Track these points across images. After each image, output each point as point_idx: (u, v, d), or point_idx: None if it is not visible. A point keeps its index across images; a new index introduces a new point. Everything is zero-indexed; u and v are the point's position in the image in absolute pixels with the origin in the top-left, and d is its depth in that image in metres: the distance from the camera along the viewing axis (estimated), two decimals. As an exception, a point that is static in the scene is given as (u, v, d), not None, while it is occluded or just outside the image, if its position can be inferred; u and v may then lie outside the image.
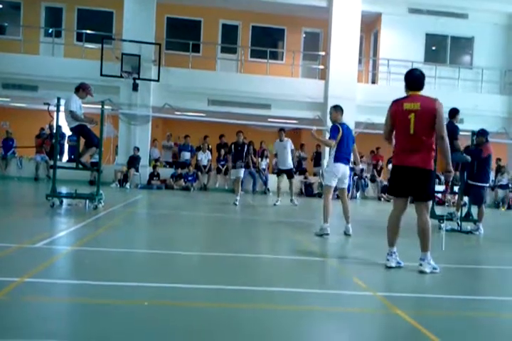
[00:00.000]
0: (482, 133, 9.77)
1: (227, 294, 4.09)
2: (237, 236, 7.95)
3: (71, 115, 9.03)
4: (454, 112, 9.88)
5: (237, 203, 12.52)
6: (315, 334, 3.27)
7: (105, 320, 3.26)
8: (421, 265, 5.35)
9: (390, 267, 5.42)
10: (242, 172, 13.21)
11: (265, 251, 6.45)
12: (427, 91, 5.59)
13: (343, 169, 7.84)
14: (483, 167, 9.62)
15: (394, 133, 5.63)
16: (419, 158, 5.27)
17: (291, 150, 13.21)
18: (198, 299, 3.89)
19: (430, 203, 5.60)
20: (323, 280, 4.84)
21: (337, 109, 8.06)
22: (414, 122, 5.24)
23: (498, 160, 20.31)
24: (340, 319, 3.72)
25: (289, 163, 13.22)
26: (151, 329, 3.09)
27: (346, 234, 7.95)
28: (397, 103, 5.55)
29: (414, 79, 5.51)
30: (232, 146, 13.54)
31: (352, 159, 8.48)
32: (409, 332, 3.39)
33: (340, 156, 7.80)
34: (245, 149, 13.34)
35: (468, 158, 9.53)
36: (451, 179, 5.82)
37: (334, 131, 7.86)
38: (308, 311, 3.82)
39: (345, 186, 8.10)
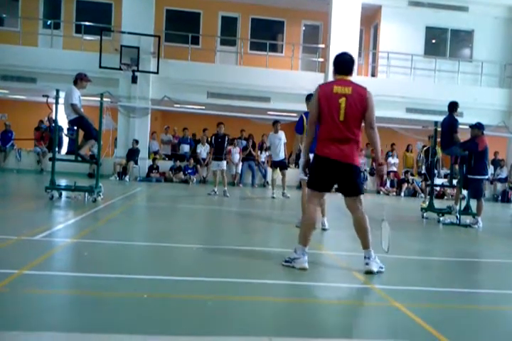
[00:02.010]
0: (478, 127, 9.77)
1: (225, 286, 4.10)
2: (234, 228, 7.97)
3: (72, 108, 9.00)
4: (454, 105, 9.88)
5: (228, 194, 12.72)
6: (314, 326, 3.28)
7: (104, 312, 3.27)
8: (367, 264, 4.83)
9: (305, 269, 4.75)
10: (224, 164, 13.26)
11: (261, 244, 6.46)
12: (427, 84, 5.58)
13: None
14: (481, 160, 9.62)
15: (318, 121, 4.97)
16: (347, 151, 4.76)
17: (284, 143, 13.20)
18: (197, 291, 3.90)
19: (363, 197, 5.03)
20: (321, 272, 4.84)
21: (308, 98, 7.40)
22: (345, 107, 4.76)
23: (496, 153, 20.33)
24: (339, 311, 3.73)
25: (282, 155, 13.23)
26: (150, 322, 3.10)
27: (322, 228, 7.52)
28: (325, 86, 5.02)
29: (343, 63, 5.15)
30: (213, 138, 13.53)
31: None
32: (407, 324, 3.40)
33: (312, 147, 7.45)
34: (226, 141, 13.35)
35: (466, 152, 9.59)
36: (384, 172, 5.38)
37: (297, 123, 7.60)
38: (306, 303, 3.83)
39: None
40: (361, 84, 5.07)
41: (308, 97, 7.60)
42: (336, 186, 5.10)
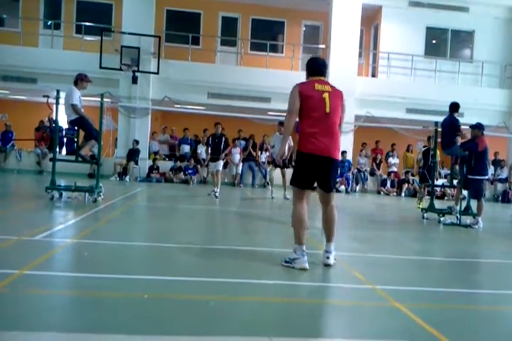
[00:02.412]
0: (478, 127, 9.76)
1: (226, 287, 4.10)
2: (234, 229, 7.97)
3: (72, 108, 9.00)
4: (455, 106, 9.88)
5: (218, 195, 12.58)
6: (314, 327, 3.28)
7: (104, 312, 3.27)
8: (328, 258, 4.89)
9: (306, 269, 4.74)
10: (219, 164, 13.17)
11: (261, 244, 6.46)
12: (427, 84, 5.58)
13: None
14: (481, 160, 9.62)
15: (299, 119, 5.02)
16: (331, 145, 4.81)
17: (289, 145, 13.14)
18: (197, 292, 3.90)
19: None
20: (321, 273, 4.84)
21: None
22: (330, 101, 4.82)
23: (496, 153, 20.34)
24: (340, 312, 3.73)
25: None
26: (150, 322, 3.09)
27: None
28: (305, 84, 5.06)
29: (317, 65, 5.21)
30: (210, 139, 13.47)
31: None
32: (407, 324, 3.39)
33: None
34: (222, 141, 13.25)
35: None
36: (278, 160, 5.20)
37: (298, 122, 7.66)
38: (307, 304, 3.83)
39: None
40: (362, 84, 5.12)
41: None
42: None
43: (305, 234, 4.88)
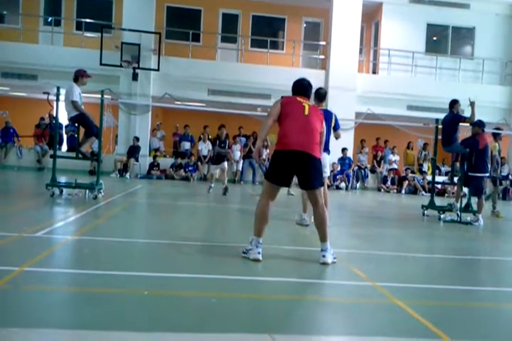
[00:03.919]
0: (478, 124, 9.75)
1: (227, 284, 4.11)
2: (235, 226, 7.98)
3: (73, 105, 9.00)
4: (452, 103, 9.89)
5: (210, 188, 12.76)
6: (315, 324, 3.29)
7: (105, 309, 3.27)
8: (324, 256, 4.94)
9: (258, 260, 4.87)
10: (224, 164, 13.15)
11: (263, 241, 6.45)
12: (428, 81, 5.58)
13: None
14: (482, 157, 9.61)
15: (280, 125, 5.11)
16: (310, 143, 4.91)
17: None
18: (199, 289, 3.90)
19: (322, 189, 5.16)
20: (321, 270, 4.84)
21: (315, 94, 7.46)
22: (309, 110, 5.04)
23: (499, 151, 20.28)
24: (340, 309, 3.73)
25: None
26: (151, 319, 3.10)
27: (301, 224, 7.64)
28: (287, 97, 5.25)
29: (301, 86, 5.39)
30: (217, 142, 13.47)
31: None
32: (407, 321, 3.40)
33: None
34: (227, 145, 13.44)
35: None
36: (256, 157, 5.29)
37: None
38: (307, 301, 3.84)
39: (324, 174, 7.31)
40: (363, 81, 5.20)
41: (317, 92, 7.53)
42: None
43: (264, 229, 5.06)
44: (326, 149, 7.37)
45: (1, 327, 2.79)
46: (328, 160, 7.77)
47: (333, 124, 7.59)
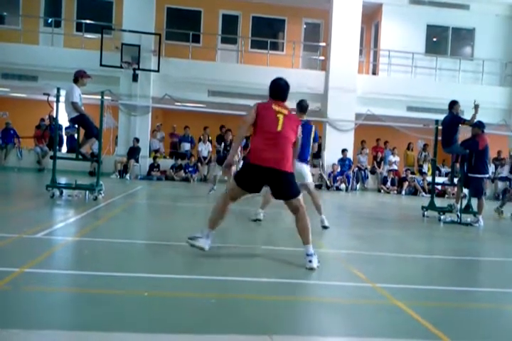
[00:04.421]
0: (478, 125, 9.75)
1: (227, 285, 4.11)
2: (235, 227, 7.97)
3: (73, 106, 9.00)
4: (452, 104, 9.90)
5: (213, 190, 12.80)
6: (315, 325, 3.29)
7: (105, 310, 3.28)
8: (310, 261, 4.83)
9: (203, 249, 4.98)
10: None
11: (263, 243, 6.47)
12: (428, 82, 5.57)
13: (296, 166, 6.93)
14: (482, 158, 9.61)
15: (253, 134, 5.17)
16: (280, 158, 4.92)
17: None
18: (197, 290, 3.90)
19: (301, 196, 5.15)
20: (321, 271, 4.84)
21: (298, 104, 7.75)
22: (283, 123, 4.98)
23: (500, 152, 20.35)
24: (340, 310, 3.73)
25: None
26: (150, 320, 3.10)
27: (323, 226, 7.55)
28: (263, 104, 5.20)
29: (279, 91, 5.32)
30: (222, 144, 13.68)
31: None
32: (407, 322, 3.40)
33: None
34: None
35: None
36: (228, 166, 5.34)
37: None
38: (307, 302, 3.84)
39: (307, 181, 7.61)
40: (363, 82, 5.19)
41: (299, 104, 7.76)
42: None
43: (219, 223, 5.13)
44: (305, 160, 7.51)
45: (1, 328, 2.79)
46: (308, 169, 7.76)
47: (312, 136, 7.70)
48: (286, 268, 4.89)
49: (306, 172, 7.58)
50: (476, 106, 9.65)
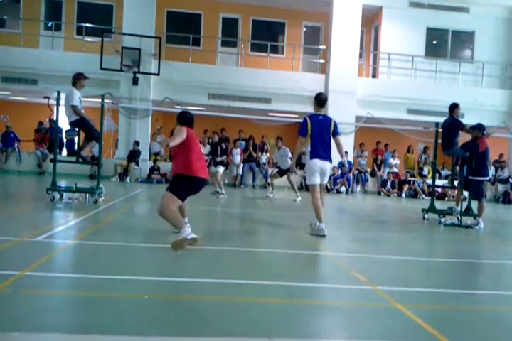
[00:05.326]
0: (478, 128, 9.75)
1: (227, 287, 4.11)
2: (234, 230, 7.96)
3: (73, 109, 9.01)
4: (452, 107, 9.90)
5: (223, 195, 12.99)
6: (314, 327, 3.29)
7: (105, 313, 3.27)
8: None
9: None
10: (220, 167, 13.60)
11: (263, 246, 6.46)
12: (428, 85, 5.57)
13: (321, 164, 7.19)
14: (482, 161, 9.60)
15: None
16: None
17: (290, 158, 13.38)
18: (198, 293, 3.90)
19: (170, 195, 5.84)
20: (321, 274, 4.84)
21: (315, 98, 7.51)
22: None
23: (501, 155, 20.37)
24: (340, 313, 3.73)
25: (285, 165, 13.46)
26: (150, 323, 3.10)
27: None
28: (187, 128, 5.95)
29: (186, 119, 6.07)
30: (218, 143, 13.86)
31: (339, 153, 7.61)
32: (408, 325, 3.40)
33: (315, 152, 7.21)
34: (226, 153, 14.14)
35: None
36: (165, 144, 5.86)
37: (301, 125, 7.32)
38: (307, 305, 3.83)
39: (325, 182, 7.43)
40: (362, 85, 5.18)
41: (317, 97, 7.55)
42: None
43: (179, 216, 5.78)
44: (328, 157, 7.32)
45: (1, 332, 2.79)
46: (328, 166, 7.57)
47: (332, 129, 7.47)
48: (285, 270, 4.88)
49: (328, 171, 7.41)
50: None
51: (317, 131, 7.25)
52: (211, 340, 2.96)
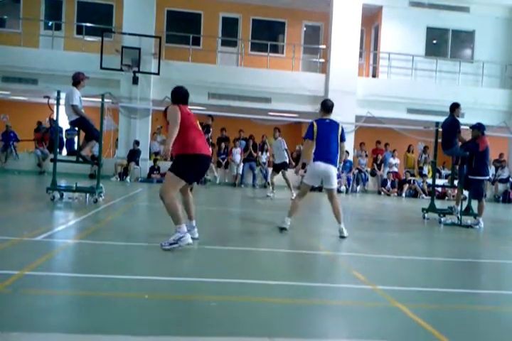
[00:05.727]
0: (478, 127, 9.75)
1: (228, 287, 4.11)
2: (234, 229, 7.96)
3: (73, 109, 9.01)
4: (453, 106, 9.89)
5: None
6: (315, 327, 3.29)
7: (105, 312, 3.27)
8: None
9: (189, 244, 5.44)
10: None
11: (264, 245, 6.46)
12: (428, 84, 5.57)
13: (323, 168, 7.09)
14: (482, 160, 9.61)
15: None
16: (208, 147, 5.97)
17: (285, 149, 13.42)
18: (197, 292, 3.90)
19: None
20: (322, 273, 4.84)
21: (322, 104, 7.50)
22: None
23: (502, 154, 20.37)
24: (340, 312, 3.73)
25: (280, 158, 13.52)
26: (151, 323, 3.10)
27: (341, 236, 7.06)
28: (178, 105, 5.67)
29: (183, 96, 5.81)
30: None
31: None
32: (408, 325, 3.40)
33: (318, 155, 7.16)
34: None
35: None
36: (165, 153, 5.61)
37: (308, 129, 7.33)
38: (308, 304, 3.83)
39: (332, 187, 7.23)
40: (363, 84, 5.15)
41: (324, 103, 7.53)
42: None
43: (181, 214, 5.57)
44: (327, 159, 7.24)
45: (1, 331, 2.79)
46: (336, 173, 7.48)
47: (339, 134, 7.42)
48: (286, 270, 4.88)
49: (334, 175, 7.20)
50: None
51: (323, 134, 7.22)
52: (211, 340, 2.96)
